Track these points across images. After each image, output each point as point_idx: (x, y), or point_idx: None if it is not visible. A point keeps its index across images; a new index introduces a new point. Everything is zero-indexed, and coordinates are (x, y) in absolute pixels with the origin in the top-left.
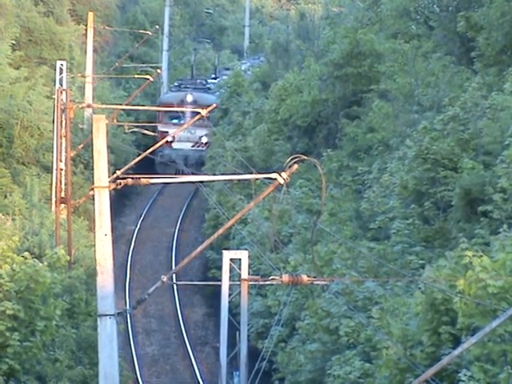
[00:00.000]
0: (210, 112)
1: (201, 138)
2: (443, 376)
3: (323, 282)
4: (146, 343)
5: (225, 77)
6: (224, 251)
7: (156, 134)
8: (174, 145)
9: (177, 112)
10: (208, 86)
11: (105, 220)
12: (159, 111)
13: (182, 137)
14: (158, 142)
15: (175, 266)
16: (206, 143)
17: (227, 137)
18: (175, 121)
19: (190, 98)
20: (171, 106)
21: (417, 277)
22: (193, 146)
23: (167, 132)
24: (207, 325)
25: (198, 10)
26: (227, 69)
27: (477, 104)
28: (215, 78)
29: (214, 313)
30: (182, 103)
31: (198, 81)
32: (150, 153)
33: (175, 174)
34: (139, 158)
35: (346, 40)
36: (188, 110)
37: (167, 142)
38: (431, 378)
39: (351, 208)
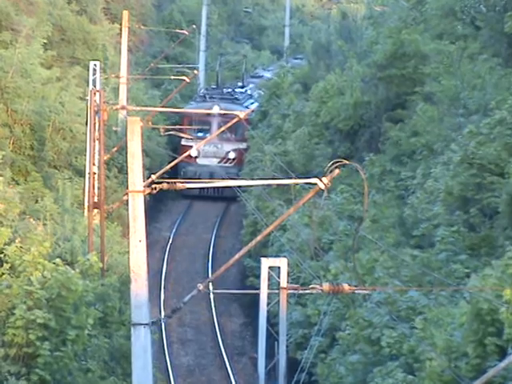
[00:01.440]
0: (247, 115)
1: (228, 153)
2: None
3: (365, 291)
4: (181, 353)
5: (252, 85)
6: (262, 259)
7: (184, 143)
8: (199, 160)
9: (202, 125)
10: (236, 96)
11: (139, 226)
12: (183, 122)
13: (207, 152)
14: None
15: (212, 273)
16: (234, 159)
17: (266, 140)
18: (201, 134)
19: (216, 110)
20: (196, 118)
21: (462, 286)
22: (219, 162)
23: (191, 147)
24: (244, 335)
25: (236, 9)
26: (255, 76)
27: None
28: (242, 87)
29: (252, 322)
30: (209, 116)
31: (226, 90)
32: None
33: (200, 191)
34: (174, 162)
35: (389, 40)
36: (220, 112)
37: (191, 157)
38: None
39: (394, 214)
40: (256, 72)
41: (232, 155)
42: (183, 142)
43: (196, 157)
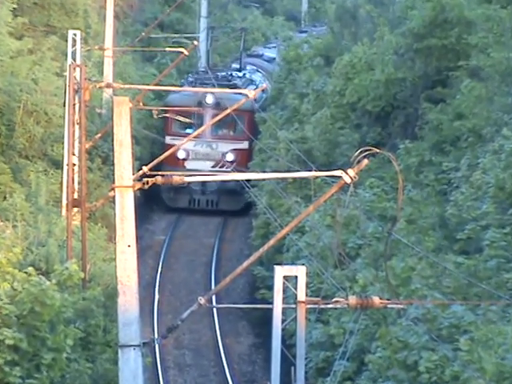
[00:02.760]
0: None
1: (225, 154)
2: None
3: (399, 306)
4: (179, 381)
5: (250, 66)
6: (276, 267)
7: (169, 142)
8: (188, 164)
9: (192, 118)
10: (234, 81)
11: (128, 227)
12: (168, 117)
13: (198, 153)
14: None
15: (215, 285)
16: (232, 162)
17: (280, 125)
18: (189, 131)
19: (210, 100)
20: (183, 110)
21: None
22: (214, 167)
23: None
24: (255, 358)
25: None
26: (253, 55)
27: None
28: (240, 70)
29: (264, 343)
30: (200, 106)
31: (221, 75)
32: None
33: (189, 203)
34: (169, 152)
35: (428, 5)
36: (223, 91)
37: (178, 159)
38: None
39: (434, 214)
40: (254, 50)
41: (230, 157)
42: (168, 141)
43: (184, 159)
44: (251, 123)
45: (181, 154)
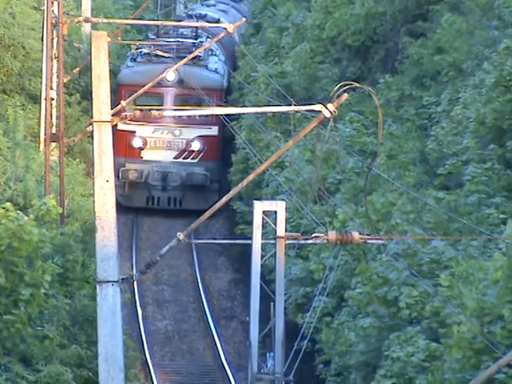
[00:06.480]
0: (236, 28)
1: (191, 142)
2: None
3: (379, 242)
4: (158, 317)
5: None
6: (255, 202)
7: (123, 128)
8: (146, 154)
9: (149, 99)
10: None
11: (106, 162)
12: (118, 94)
13: (158, 141)
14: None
15: (194, 220)
16: (200, 152)
17: (259, 59)
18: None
19: (171, 77)
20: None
21: (496, 235)
22: (176, 157)
23: (134, 132)
24: (234, 294)
25: None
26: (196, 16)
27: None
28: (196, 38)
29: (243, 279)
30: (160, 86)
31: (182, 46)
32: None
33: (147, 201)
34: (149, 85)
35: None
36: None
37: (133, 149)
38: None
39: (414, 149)
40: (193, 9)
41: (196, 146)
42: (121, 126)
43: (140, 149)
44: (221, 104)
45: (137, 143)
